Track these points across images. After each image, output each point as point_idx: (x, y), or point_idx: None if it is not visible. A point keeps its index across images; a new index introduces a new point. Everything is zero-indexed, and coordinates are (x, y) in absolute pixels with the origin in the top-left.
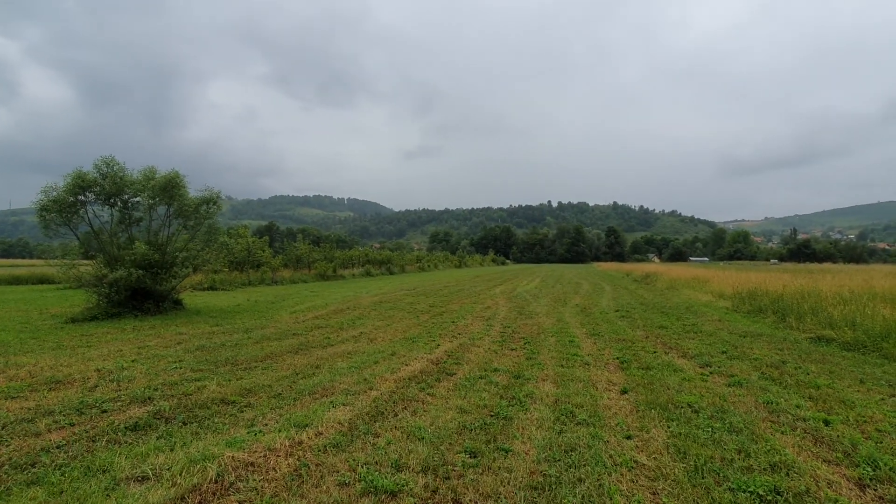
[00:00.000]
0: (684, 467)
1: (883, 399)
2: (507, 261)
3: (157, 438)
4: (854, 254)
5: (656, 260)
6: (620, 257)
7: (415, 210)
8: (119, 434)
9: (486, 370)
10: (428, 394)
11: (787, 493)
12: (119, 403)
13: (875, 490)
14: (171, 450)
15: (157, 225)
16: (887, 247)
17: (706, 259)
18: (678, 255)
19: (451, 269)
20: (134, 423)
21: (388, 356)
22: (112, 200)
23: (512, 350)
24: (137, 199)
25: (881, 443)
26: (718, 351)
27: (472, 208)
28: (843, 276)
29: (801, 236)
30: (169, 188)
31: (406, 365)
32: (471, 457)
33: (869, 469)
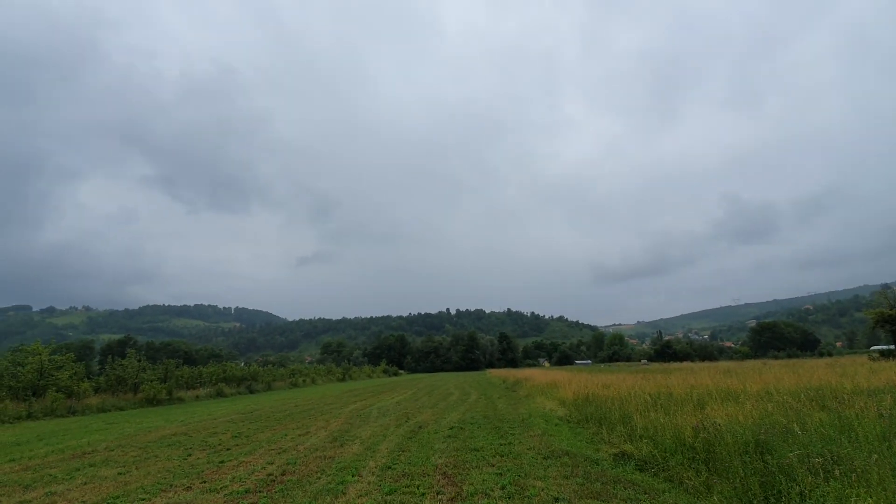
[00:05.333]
0: None
1: None
2: (401, 371)
3: None
4: (706, 352)
5: (547, 364)
6: (513, 363)
7: (310, 320)
8: None
9: None
10: None
11: None
12: None
13: None
14: None
15: None
16: (732, 345)
17: (589, 361)
18: (565, 359)
19: (332, 382)
20: None
21: None
22: None
23: None
24: None
25: None
26: (500, 486)
27: (371, 317)
28: (679, 375)
29: (666, 338)
30: None
31: None
32: None
33: None
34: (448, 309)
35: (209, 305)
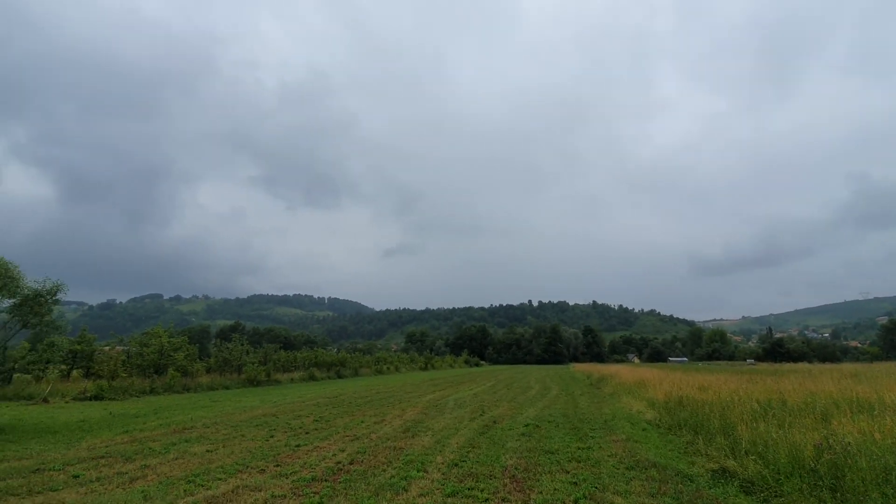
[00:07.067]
0: None
1: None
2: (482, 362)
3: None
4: (827, 353)
5: (636, 360)
6: (599, 357)
7: (395, 310)
8: None
9: None
10: None
11: None
12: None
13: None
14: None
15: None
16: (858, 345)
17: (685, 359)
18: (657, 356)
19: (415, 371)
20: None
21: None
22: None
23: (289, 498)
24: None
25: None
26: (574, 499)
27: (454, 308)
28: (794, 378)
29: (777, 335)
30: None
31: None
32: None
33: None
34: (530, 300)
35: (306, 295)
